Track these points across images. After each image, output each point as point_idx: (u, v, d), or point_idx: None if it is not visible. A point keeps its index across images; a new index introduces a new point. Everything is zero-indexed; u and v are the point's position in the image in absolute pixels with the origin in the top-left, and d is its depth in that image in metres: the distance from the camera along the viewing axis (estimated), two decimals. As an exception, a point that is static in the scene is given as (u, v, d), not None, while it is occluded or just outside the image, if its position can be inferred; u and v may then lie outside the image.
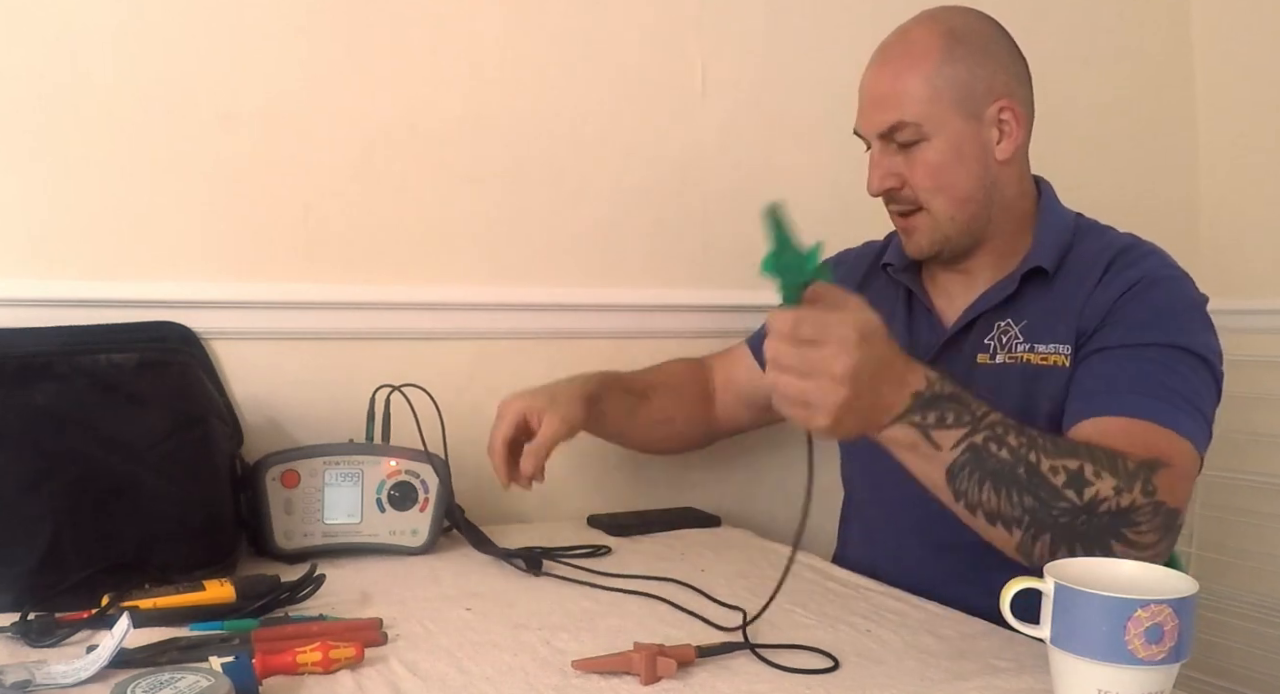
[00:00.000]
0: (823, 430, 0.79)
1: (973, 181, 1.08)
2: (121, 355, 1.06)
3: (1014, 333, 1.09)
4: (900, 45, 1.09)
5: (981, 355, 1.11)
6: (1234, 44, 1.84)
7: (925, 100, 1.05)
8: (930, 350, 1.13)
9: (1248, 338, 1.73)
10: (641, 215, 1.48)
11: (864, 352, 0.78)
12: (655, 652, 0.79)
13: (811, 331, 0.78)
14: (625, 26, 1.46)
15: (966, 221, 1.09)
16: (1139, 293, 1.02)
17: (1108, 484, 0.84)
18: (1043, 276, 1.08)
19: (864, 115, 1.11)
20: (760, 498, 1.52)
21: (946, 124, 1.05)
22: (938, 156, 1.06)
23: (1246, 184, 1.83)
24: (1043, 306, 1.08)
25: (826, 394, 0.78)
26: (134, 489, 0.99)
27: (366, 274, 1.33)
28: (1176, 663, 0.68)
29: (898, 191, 1.09)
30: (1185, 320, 1.01)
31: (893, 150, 1.08)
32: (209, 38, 1.25)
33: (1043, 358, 1.06)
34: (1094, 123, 1.80)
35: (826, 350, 0.78)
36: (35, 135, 1.18)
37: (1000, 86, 1.07)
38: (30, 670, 0.75)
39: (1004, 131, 1.07)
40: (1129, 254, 1.06)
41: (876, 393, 0.80)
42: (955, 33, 1.06)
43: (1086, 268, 1.07)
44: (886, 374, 0.81)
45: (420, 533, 1.16)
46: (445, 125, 1.36)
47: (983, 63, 1.06)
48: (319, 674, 0.78)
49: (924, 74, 1.05)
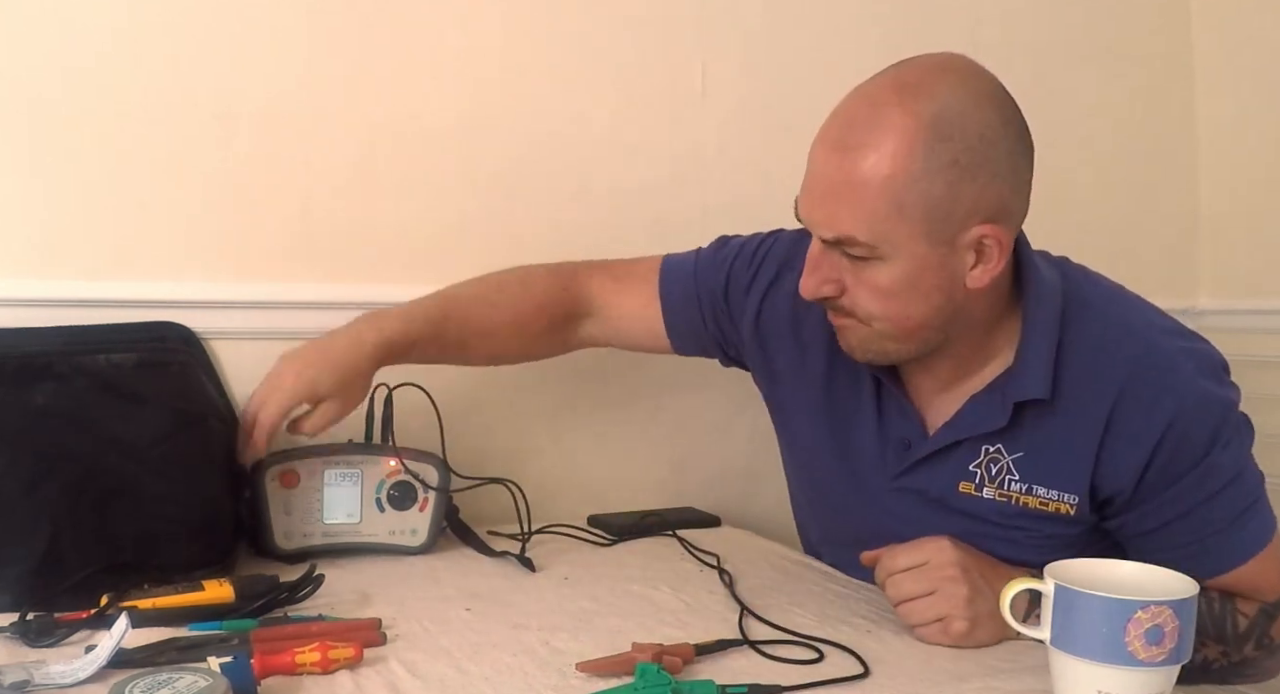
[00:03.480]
0: (959, 633, 0.85)
1: (929, 312, 0.88)
2: (121, 355, 1.06)
3: (1006, 464, 0.93)
4: (868, 129, 0.84)
5: (965, 484, 0.95)
6: (1234, 44, 1.84)
7: (885, 218, 0.83)
8: (907, 447, 0.98)
9: (1248, 338, 1.73)
10: (641, 215, 1.48)
11: (962, 551, 0.88)
12: (658, 651, 0.79)
13: (909, 558, 0.89)
14: (625, 26, 1.46)
15: (916, 347, 0.92)
16: (1175, 446, 0.88)
17: (1214, 650, 0.90)
18: (1039, 404, 0.91)
19: (810, 201, 0.89)
20: (760, 498, 1.52)
21: (906, 248, 0.85)
22: (889, 282, 0.86)
23: (1246, 184, 1.83)
24: (1042, 441, 0.92)
25: (950, 597, 0.86)
26: (133, 489, 0.99)
27: (366, 274, 1.33)
28: (1177, 664, 0.68)
29: (834, 299, 0.91)
30: (1233, 449, 0.90)
31: (837, 255, 0.88)
32: (209, 37, 1.25)
33: (1042, 503, 0.92)
34: (1094, 123, 1.80)
35: (931, 562, 0.87)
36: (35, 135, 1.18)
37: (987, 206, 0.85)
38: (29, 670, 0.75)
39: (982, 257, 0.86)
40: (1140, 382, 0.89)
41: (991, 585, 0.85)
42: (941, 129, 0.82)
43: (1090, 398, 0.90)
44: (991, 568, 0.89)
45: (420, 533, 1.16)
46: (445, 125, 1.36)
47: (971, 176, 0.83)
48: (318, 674, 0.78)
49: (890, 184, 0.82)
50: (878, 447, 1.01)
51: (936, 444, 0.96)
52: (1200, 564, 0.87)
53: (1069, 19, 1.77)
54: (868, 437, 1.02)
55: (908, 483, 1.00)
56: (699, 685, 0.75)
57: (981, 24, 1.65)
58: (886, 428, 1.00)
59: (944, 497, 0.97)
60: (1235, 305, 1.80)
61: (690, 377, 1.38)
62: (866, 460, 1.03)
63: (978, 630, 0.85)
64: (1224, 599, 0.90)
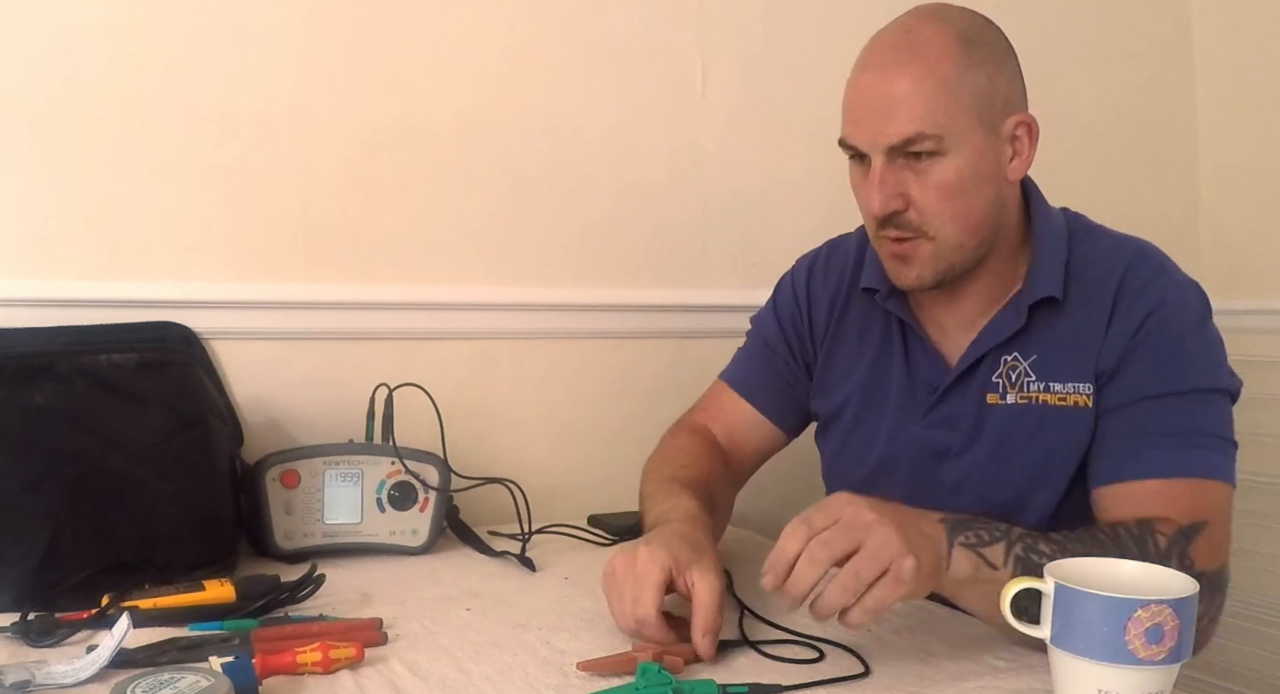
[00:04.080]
0: (912, 569, 0.77)
1: (986, 205, 0.97)
2: (121, 355, 1.06)
3: (1023, 369, 1.00)
4: (908, 46, 0.95)
5: (991, 395, 1.01)
6: (1234, 45, 1.84)
7: (945, 110, 0.92)
8: (934, 389, 1.04)
9: (1248, 338, 1.73)
10: (641, 215, 1.48)
11: (871, 502, 0.81)
12: (658, 651, 0.79)
13: (822, 517, 0.80)
14: (625, 26, 1.46)
15: (974, 249, 0.98)
16: (1152, 332, 0.95)
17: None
18: (1050, 304, 0.99)
19: (865, 124, 0.96)
20: (760, 498, 1.52)
21: (968, 138, 0.94)
22: (955, 176, 0.94)
23: (1246, 184, 1.83)
24: (1054, 340, 0.99)
25: (883, 541, 0.77)
26: (134, 489, 0.99)
27: (366, 274, 1.33)
28: (1177, 663, 0.68)
29: (901, 214, 0.96)
30: (1202, 355, 0.96)
31: (898, 166, 0.95)
32: (209, 38, 1.25)
33: (1060, 399, 0.98)
34: (1095, 123, 1.80)
35: (846, 515, 0.79)
36: (36, 135, 1.18)
37: (1016, 99, 0.97)
38: (30, 670, 0.75)
39: (1017, 149, 0.97)
40: (1134, 276, 0.98)
41: (914, 527, 0.81)
42: (967, 36, 0.95)
43: (1095, 293, 0.98)
44: (905, 514, 0.82)
45: (420, 533, 1.16)
46: (445, 125, 1.36)
47: (1001, 71, 0.96)
48: (319, 674, 0.78)
49: (943, 79, 0.92)
50: (908, 390, 1.06)
51: (962, 366, 1.02)
52: (1136, 460, 0.92)
53: (1070, 19, 1.77)
54: (898, 381, 1.07)
55: (941, 413, 1.04)
56: (700, 685, 0.75)
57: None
58: (914, 372, 1.07)
59: (977, 415, 1.02)
60: (1235, 305, 1.80)
61: (691, 376, 1.38)
62: (900, 405, 1.07)
63: (924, 563, 0.78)
64: (1141, 522, 0.88)
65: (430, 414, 1.19)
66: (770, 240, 1.55)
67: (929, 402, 1.04)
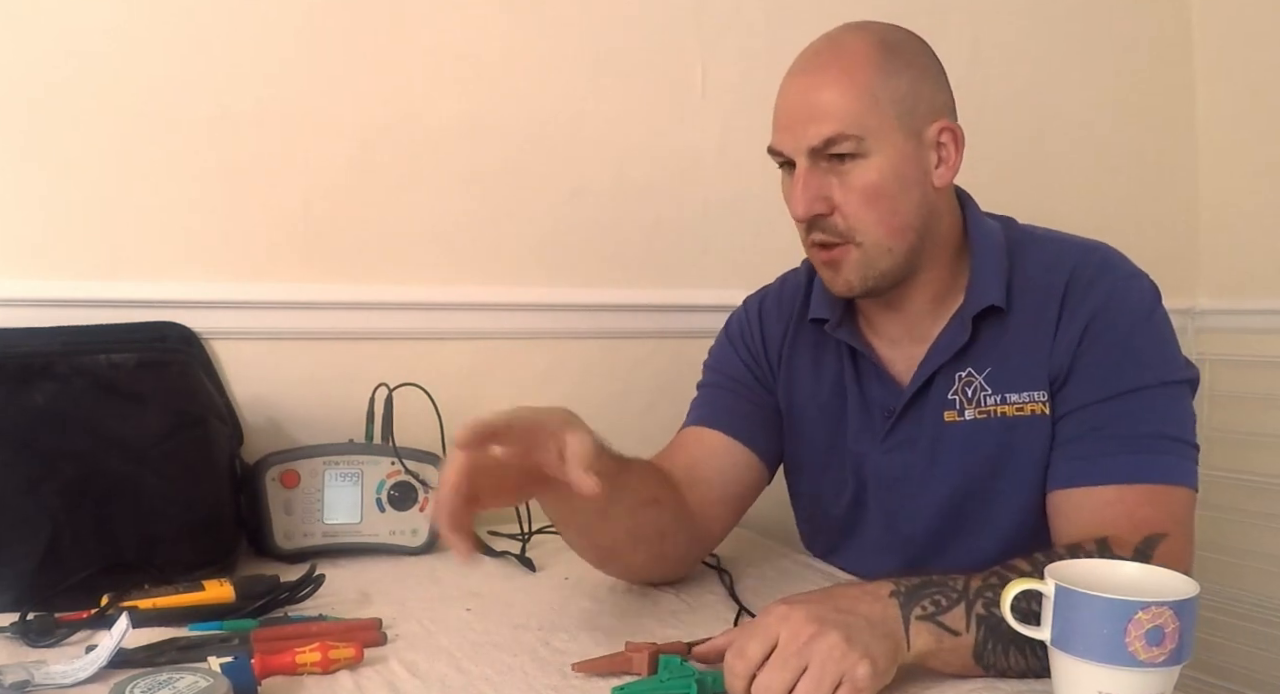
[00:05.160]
0: (867, 675, 0.72)
1: (912, 210, 0.96)
2: (121, 355, 1.06)
3: (979, 383, 0.99)
4: (831, 52, 0.97)
5: (949, 412, 1.00)
6: (1234, 44, 1.84)
7: (866, 111, 0.93)
8: (890, 413, 1.03)
9: (1248, 338, 1.73)
10: (641, 215, 1.48)
11: (808, 607, 0.75)
12: (654, 650, 0.79)
13: (757, 644, 0.74)
14: (625, 27, 1.46)
15: (904, 255, 0.97)
16: (1099, 332, 0.94)
17: None
18: (996, 314, 0.98)
19: (789, 129, 0.97)
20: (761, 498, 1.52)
21: (889, 140, 0.94)
22: (877, 177, 0.94)
23: (1246, 184, 1.83)
24: (1004, 350, 0.98)
25: (829, 654, 0.72)
26: (134, 489, 0.99)
27: (366, 274, 1.33)
28: (1177, 665, 0.68)
29: (825, 218, 0.96)
30: (1152, 349, 0.95)
31: (822, 170, 0.95)
32: (208, 37, 1.25)
33: (1018, 409, 0.97)
34: (1094, 123, 1.80)
35: (783, 635, 0.73)
36: (35, 135, 1.18)
37: (940, 106, 0.97)
38: (29, 670, 0.75)
39: (942, 156, 0.97)
40: (1080, 277, 0.97)
41: (860, 618, 0.75)
42: (889, 44, 0.96)
43: (1042, 298, 0.97)
44: (849, 601, 0.77)
45: (420, 533, 1.16)
46: (445, 125, 1.36)
47: (923, 78, 0.96)
48: (318, 674, 0.78)
49: (863, 82, 0.94)
50: (864, 417, 1.06)
51: (914, 386, 1.01)
52: (1091, 465, 0.91)
53: (1069, 18, 1.77)
54: (854, 409, 1.06)
55: (898, 437, 1.02)
56: (721, 676, 0.75)
57: (980, 26, 1.65)
58: (868, 398, 1.06)
59: (935, 435, 1.00)
60: (1235, 305, 1.80)
61: (691, 376, 1.38)
62: (858, 433, 1.05)
63: (879, 660, 0.73)
64: (1098, 541, 0.85)
65: (430, 414, 1.19)
66: (770, 240, 1.55)
67: (886, 427, 1.03)
